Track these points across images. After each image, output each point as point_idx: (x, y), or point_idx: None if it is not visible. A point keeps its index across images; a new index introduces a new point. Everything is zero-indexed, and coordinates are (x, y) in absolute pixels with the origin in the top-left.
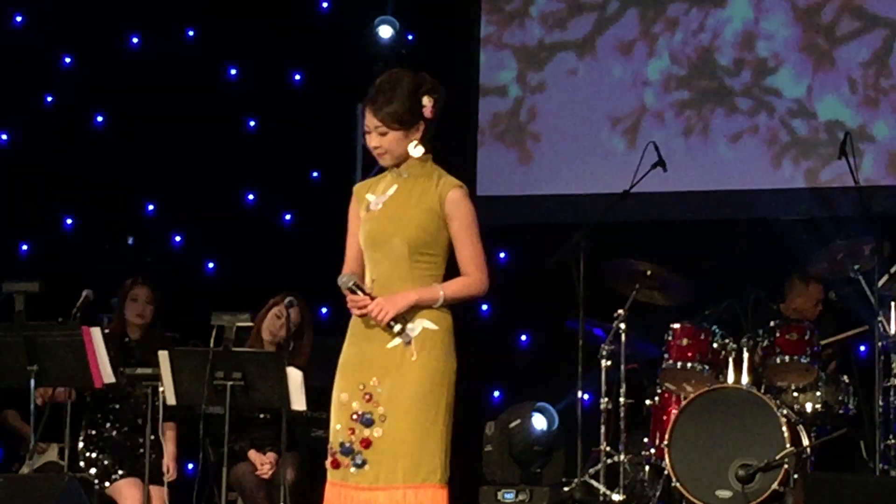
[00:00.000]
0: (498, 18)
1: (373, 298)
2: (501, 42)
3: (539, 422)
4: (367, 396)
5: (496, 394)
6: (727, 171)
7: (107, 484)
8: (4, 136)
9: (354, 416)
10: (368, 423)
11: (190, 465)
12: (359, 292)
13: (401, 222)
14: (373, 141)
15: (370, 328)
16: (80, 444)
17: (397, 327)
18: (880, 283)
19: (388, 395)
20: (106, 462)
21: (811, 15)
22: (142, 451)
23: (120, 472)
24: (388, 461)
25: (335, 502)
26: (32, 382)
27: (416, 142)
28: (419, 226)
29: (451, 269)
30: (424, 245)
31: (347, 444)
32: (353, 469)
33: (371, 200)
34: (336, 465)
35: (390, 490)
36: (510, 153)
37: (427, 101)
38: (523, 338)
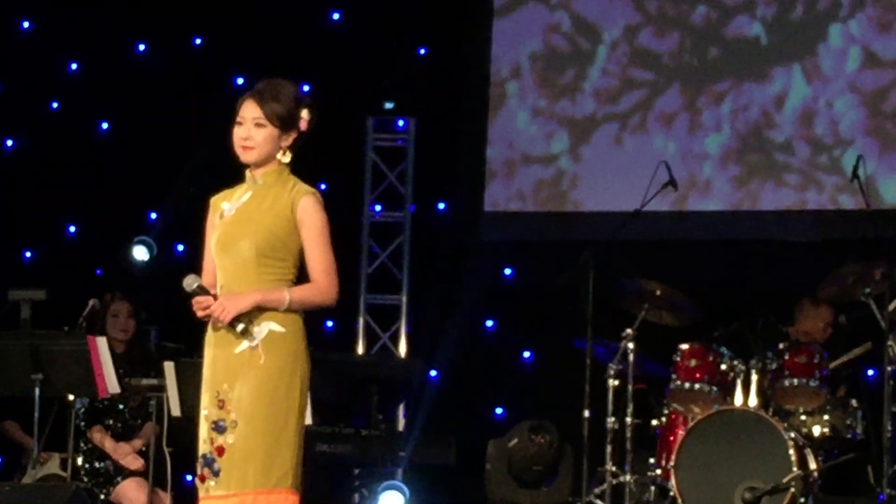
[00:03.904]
0: (550, 92)
1: (216, 299)
2: (553, 113)
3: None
4: (220, 403)
5: (499, 411)
6: (739, 192)
7: (111, 489)
8: (10, 142)
9: (213, 426)
10: (222, 430)
11: (190, 477)
12: (203, 293)
13: (250, 226)
14: (244, 132)
15: (219, 333)
16: (80, 459)
17: (240, 327)
18: (891, 307)
19: (238, 399)
20: (107, 469)
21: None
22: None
23: (119, 478)
24: (239, 467)
25: None
26: (37, 391)
27: (284, 149)
28: (268, 229)
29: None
30: (272, 249)
31: (209, 456)
32: (212, 480)
33: (225, 208)
34: (202, 478)
35: (241, 496)
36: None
37: (305, 114)
38: (526, 355)
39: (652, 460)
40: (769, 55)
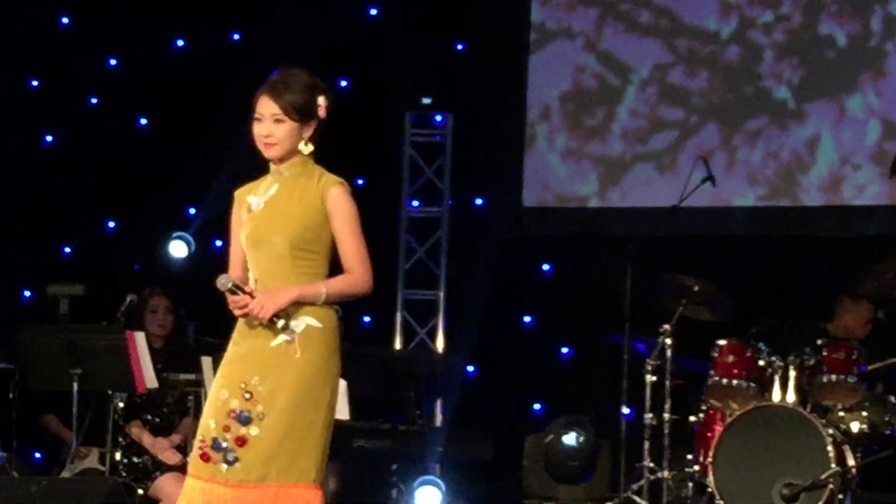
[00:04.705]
0: (580, 133)
1: (253, 297)
2: (583, 153)
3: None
4: (248, 395)
5: (537, 407)
6: (776, 188)
7: (149, 484)
8: (49, 138)
9: (231, 414)
10: (246, 422)
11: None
12: (238, 292)
13: (281, 220)
14: (264, 129)
15: (254, 328)
16: (118, 454)
17: (280, 323)
18: None
19: (268, 392)
20: (145, 464)
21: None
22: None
23: (157, 472)
24: (262, 459)
25: (198, 497)
26: (75, 385)
27: (306, 139)
28: (300, 223)
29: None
30: (306, 242)
31: (220, 441)
32: (222, 465)
33: (252, 202)
34: (206, 458)
35: (262, 488)
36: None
37: (322, 101)
38: (564, 351)
39: (690, 456)
40: (796, 109)
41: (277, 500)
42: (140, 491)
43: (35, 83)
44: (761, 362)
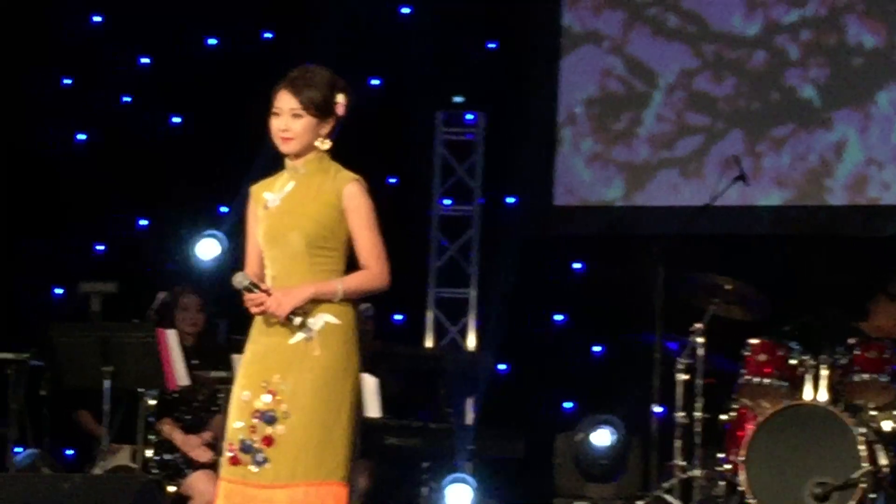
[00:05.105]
0: (605, 137)
1: (270, 294)
2: (608, 158)
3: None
4: (271, 394)
5: (568, 405)
6: (808, 187)
7: (180, 481)
8: (82, 136)
9: (256, 414)
10: (271, 421)
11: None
12: (255, 290)
13: (298, 217)
14: (282, 123)
15: (271, 325)
16: (150, 452)
17: (297, 320)
18: None
19: (292, 391)
20: (177, 461)
21: None
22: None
23: (188, 470)
24: (289, 458)
25: (232, 500)
26: (107, 383)
27: (323, 137)
28: (316, 220)
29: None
30: (322, 239)
31: (248, 442)
32: (253, 467)
33: (268, 199)
34: (235, 462)
35: (291, 487)
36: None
37: (341, 99)
38: (596, 349)
39: (721, 455)
40: (822, 114)
41: (307, 498)
42: (171, 488)
43: (68, 82)
44: (793, 361)
